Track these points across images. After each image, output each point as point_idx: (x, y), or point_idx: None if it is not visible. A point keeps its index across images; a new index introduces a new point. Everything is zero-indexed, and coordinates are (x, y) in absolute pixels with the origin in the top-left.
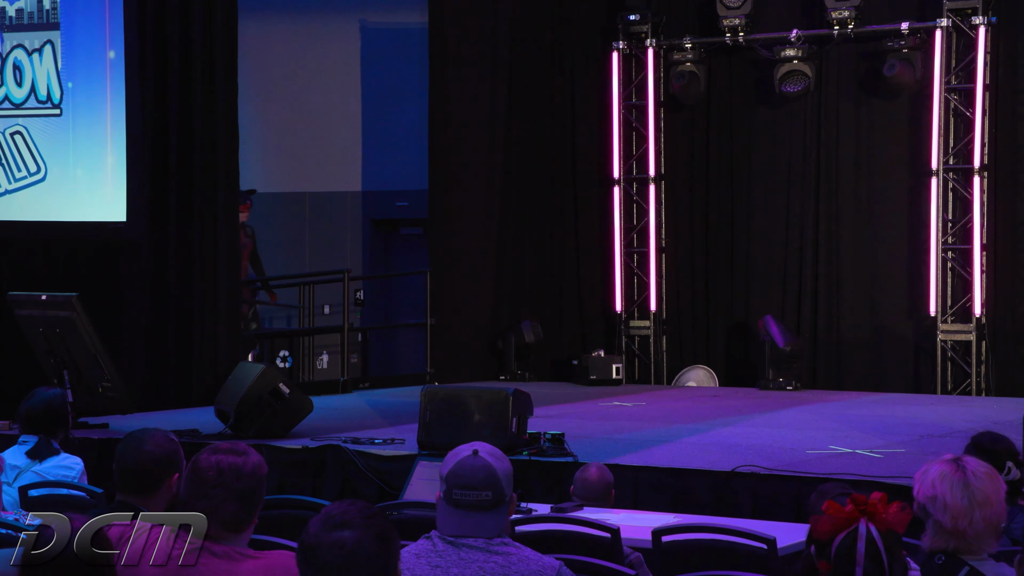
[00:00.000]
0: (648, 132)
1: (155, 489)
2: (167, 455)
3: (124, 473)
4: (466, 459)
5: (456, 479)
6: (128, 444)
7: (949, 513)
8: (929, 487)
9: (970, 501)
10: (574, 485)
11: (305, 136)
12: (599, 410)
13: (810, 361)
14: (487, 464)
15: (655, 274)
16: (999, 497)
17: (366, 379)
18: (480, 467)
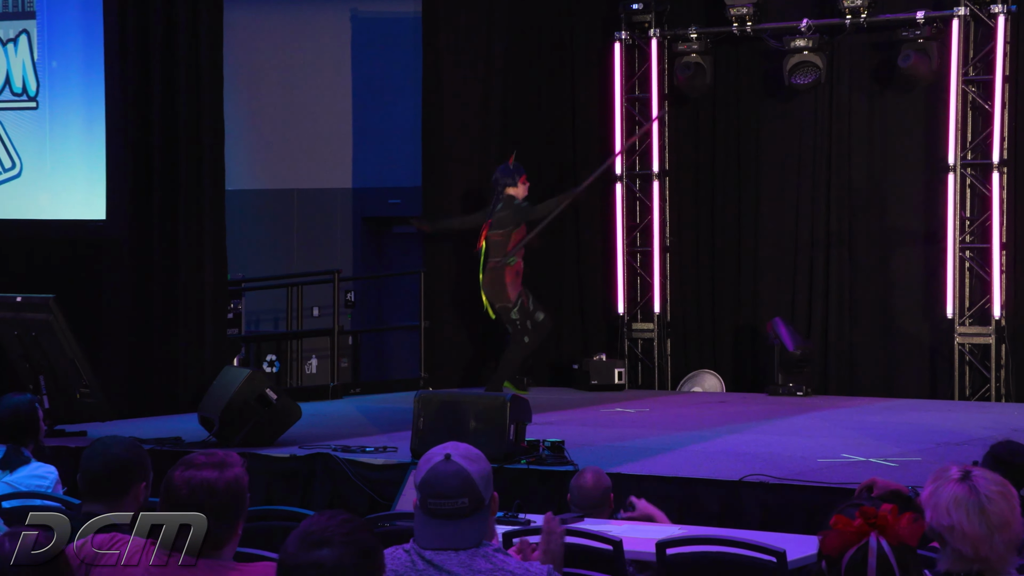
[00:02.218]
0: (651, 128)
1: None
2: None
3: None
4: (438, 465)
5: (430, 488)
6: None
7: (969, 541)
8: (944, 515)
9: (988, 527)
10: (570, 494)
11: (293, 130)
12: (601, 416)
13: (821, 365)
14: (461, 469)
15: (659, 274)
16: (1016, 515)
17: (357, 384)
18: (454, 473)
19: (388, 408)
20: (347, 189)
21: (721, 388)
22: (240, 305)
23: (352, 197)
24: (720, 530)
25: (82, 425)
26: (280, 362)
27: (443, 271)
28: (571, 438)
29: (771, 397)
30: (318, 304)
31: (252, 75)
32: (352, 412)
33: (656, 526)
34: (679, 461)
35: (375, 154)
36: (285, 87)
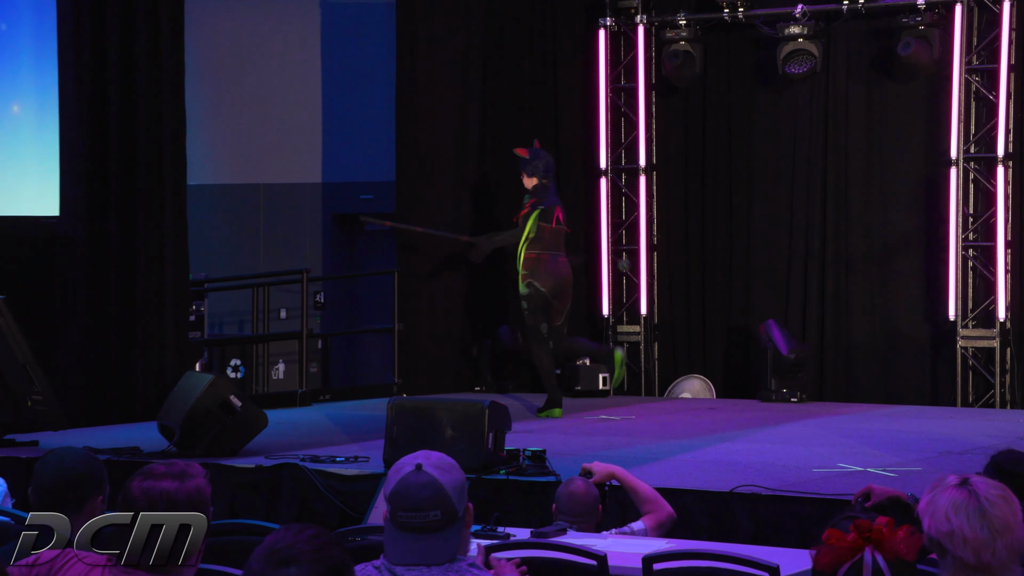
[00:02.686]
0: (638, 118)
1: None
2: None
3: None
4: (409, 476)
5: (399, 500)
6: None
7: (970, 548)
8: (943, 521)
9: (990, 531)
10: (557, 502)
11: (259, 122)
12: (585, 424)
13: (816, 370)
14: (432, 480)
15: (646, 274)
16: (1017, 520)
17: (327, 391)
18: (424, 484)
19: (360, 416)
20: (316, 184)
21: (711, 394)
22: (203, 307)
23: (321, 192)
24: (710, 544)
25: (34, 434)
26: (245, 367)
27: (418, 271)
28: (553, 447)
29: (764, 403)
30: (286, 306)
31: (216, 64)
32: (321, 420)
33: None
34: (667, 471)
35: (346, 147)
36: (251, 76)
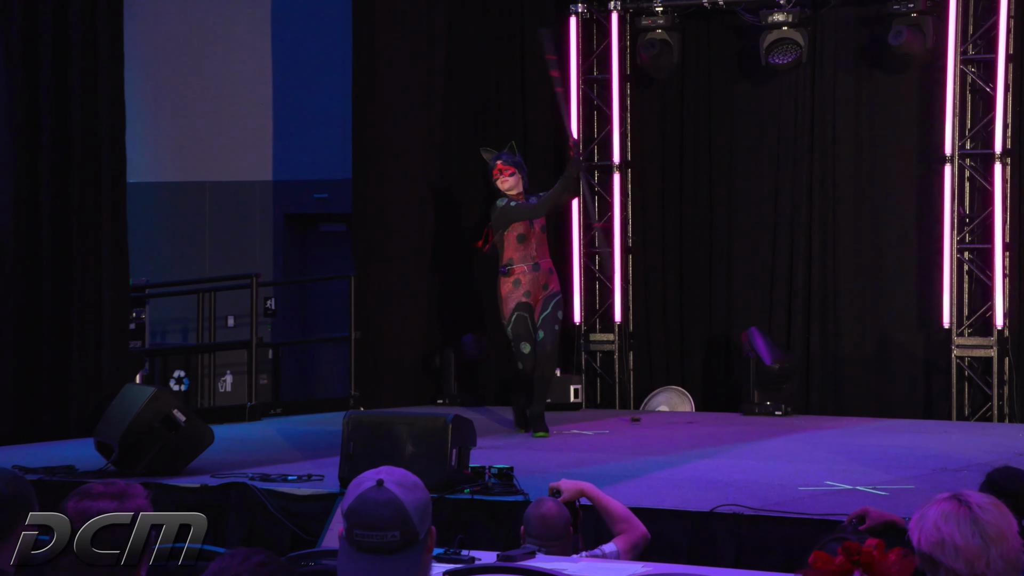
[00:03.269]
0: (612, 111)
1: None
2: (16, 495)
3: None
4: (369, 492)
5: (357, 517)
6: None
7: (962, 557)
8: (932, 531)
9: (983, 538)
10: (527, 524)
11: (205, 115)
12: (555, 440)
13: (802, 381)
14: (393, 497)
15: (620, 279)
16: (1013, 530)
17: (278, 404)
18: (385, 501)
19: (313, 431)
20: (267, 182)
21: (690, 407)
22: (143, 314)
23: (272, 191)
24: (689, 568)
25: None
26: (190, 379)
27: (377, 275)
28: (521, 464)
29: (746, 417)
30: (233, 313)
31: (157, 52)
32: (272, 435)
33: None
34: (642, 489)
35: (299, 142)
36: (195, 66)
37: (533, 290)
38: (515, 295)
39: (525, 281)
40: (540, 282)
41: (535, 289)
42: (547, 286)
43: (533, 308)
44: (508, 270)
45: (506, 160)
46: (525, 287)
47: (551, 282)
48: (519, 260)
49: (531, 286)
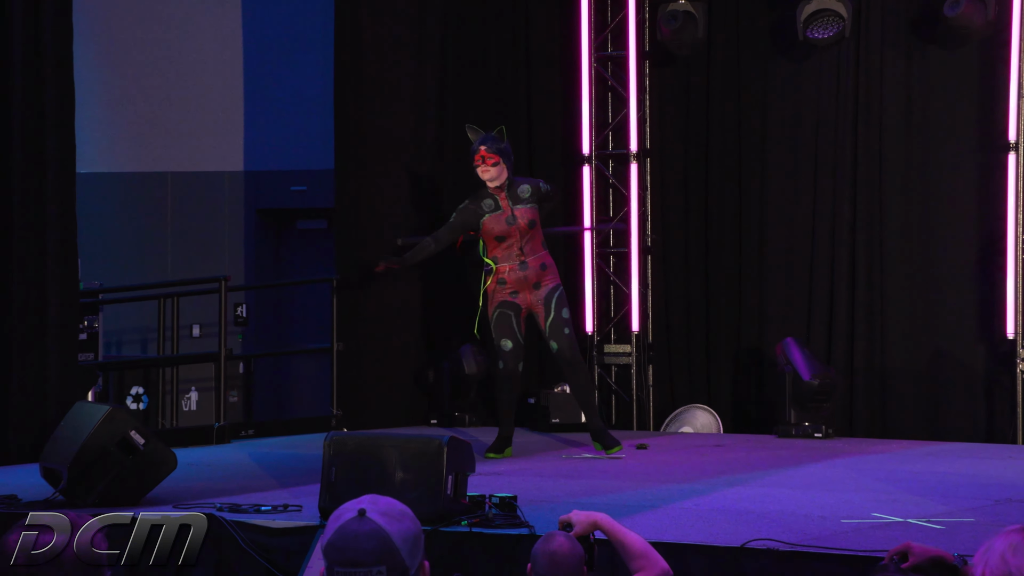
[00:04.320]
0: (628, 93)
1: None
2: None
3: None
4: (350, 524)
5: (338, 552)
6: None
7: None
8: (999, 564)
9: None
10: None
11: (166, 97)
12: (564, 465)
13: (845, 400)
14: (377, 528)
15: (638, 283)
16: None
17: (249, 425)
18: (368, 533)
19: (290, 455)
20: (237, 172)
21: (718, 428)
22: (96, 322)
23: (243, 183)
24: None
25: None
26: (149, 396)
27: (362, 279)
28: (526, 492)
29: (781, 440)
30: (199, 321)
31: (113, 27)
32: (244, 460)
33: None
34: (664, 522)
35: (274, 129)
36: (157, 44)
37: (522, 290)
38: (500, 293)
39: (511, 280)
40: (530, 281)
41: (524, 289)
42: (539, 284)
43: (521, 308)
44: (491, 269)
45: (490, 146)
46: (511, 286)
47: (544, 279)
48: (503, 259)
49: (519, 285)
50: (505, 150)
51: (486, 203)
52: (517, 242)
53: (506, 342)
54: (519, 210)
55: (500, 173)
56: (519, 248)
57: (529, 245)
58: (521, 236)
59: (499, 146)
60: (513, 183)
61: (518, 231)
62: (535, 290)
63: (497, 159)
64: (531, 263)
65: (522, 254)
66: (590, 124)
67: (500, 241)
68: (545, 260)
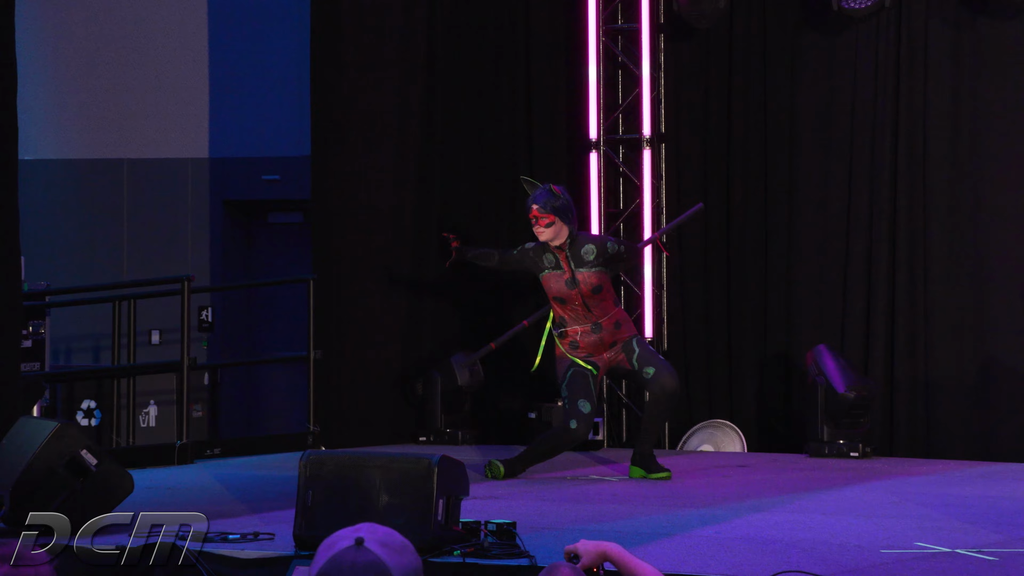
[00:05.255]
0: (641, 71)
1: None
2: None
3: None
4: (345, 553)
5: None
6: None
7: None
8: None
9: None
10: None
11: (123, 76)
12: (569, 487)
13: (885, 414)
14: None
15: (651, 283)
16: None
17: (216, 443)
18: (365, 565)
19: (262, 476)
20: (201, 160)
21: (741, 446)
22: (43, 328)
23: (209, 171)
24: None
25: None
26: (103, 411)
27: (343, 278)
28: (526, 518)
29: (813, 459)
30: (159, 326)
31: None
32: (209, 482)
33: None
34: (681, 551)
35: (242, 111)
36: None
37: (596, 352)
38: (572, 355)
39: (585, 344)
40: (606, 342)
41: (599, 351)
42: (615, 343)
43: (599, 368)
44: (562, 332)
45: (543, 206)
46: (585, 349)
47: (619, 336)
48: (572, 321)
49: (592, 348)
50: (562, 207)
51: (547, 258)
52: (581, 307)
53: (584, 404)
54: (582, 274)
55: (557, 233)
56: (585, 311)
57: (598, 308)
58: (585, 301)
59: (554, 204)
60: (576, 241)
61: (580, 296)
62: (610, 350)
63: (552, 219)
64: (605, 324)
65: (591, 315)
66: (598, 106)
67: (560, 303)
68: (619, 318)
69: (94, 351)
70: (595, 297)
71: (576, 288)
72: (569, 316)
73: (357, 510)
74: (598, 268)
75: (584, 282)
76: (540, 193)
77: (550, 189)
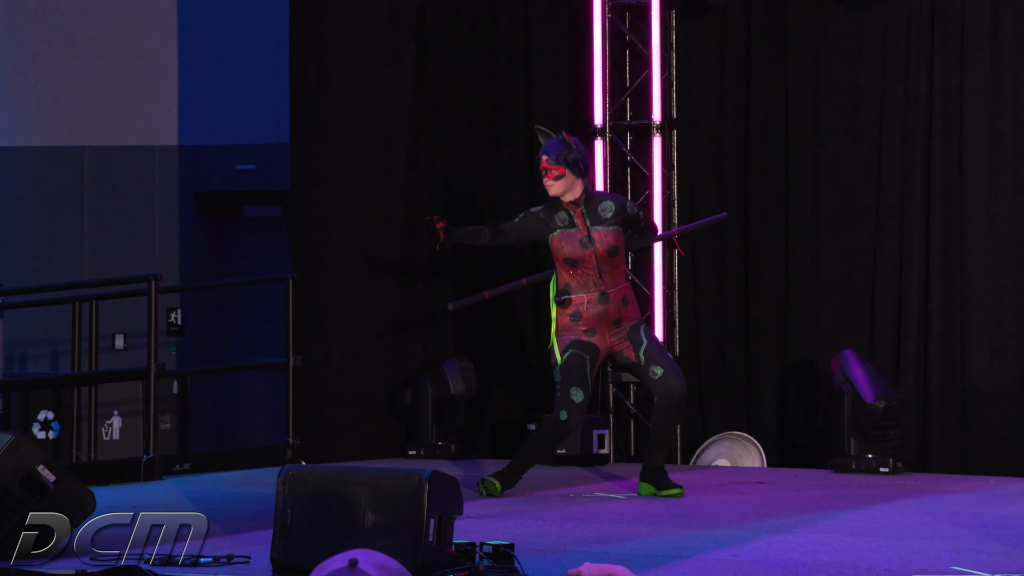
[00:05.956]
0: (650, 51)
1: None
2: None
3: None
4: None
5: None
6: None
7: None
8: None
9: None
10: None
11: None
12: (572, 506)
13: (917, 426)
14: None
15: (661, 283)
16: None
17: (186, 457)
18: None
19: (236, 494)
20: (170, 147)
21: (759, 461)
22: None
23: (178, 160)
24: None
25: None
26: (61, 423)
27: (324, 277)
28: (526, 539)
29: (838, 475)
30: (124, 330)
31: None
32: (179, 500)
33: None
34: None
35: (215, 94)
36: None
37: (600, 328)
38: (573, 331)
39: (589, 315)
40: (610, 317)
41: (602, 327)
42: (620, 321)
43: (598, 351)
44: (564, 300)
45: (553, 156)
46: (588, 322)
47: (626, 315)
48: (578, 288)
49: (597, 322)
50: (575, 160)
51: (560, 217)
52: (593, 270)
53: (577, 392)
54: (598, 232)
55: (568, 187)
56: (597, 276)
57: (610, 275)
58: (599, 264)
59: (567, 155)
60: (591, 198)
61: (595, 257)
62: (615, 328)
63: (562, 171)
64: (613, 296)
65: (602, 282)
66: (603, 89)
67: (571, 266)
68: (627, 294)
69: (52, 357)
70: (610, 260)
71: (591, 247)
72: (577, 282)
73: (341, 530)
74: (615, 227)
75: (600, 241)
76: (552, 143)
77: (563, 139)
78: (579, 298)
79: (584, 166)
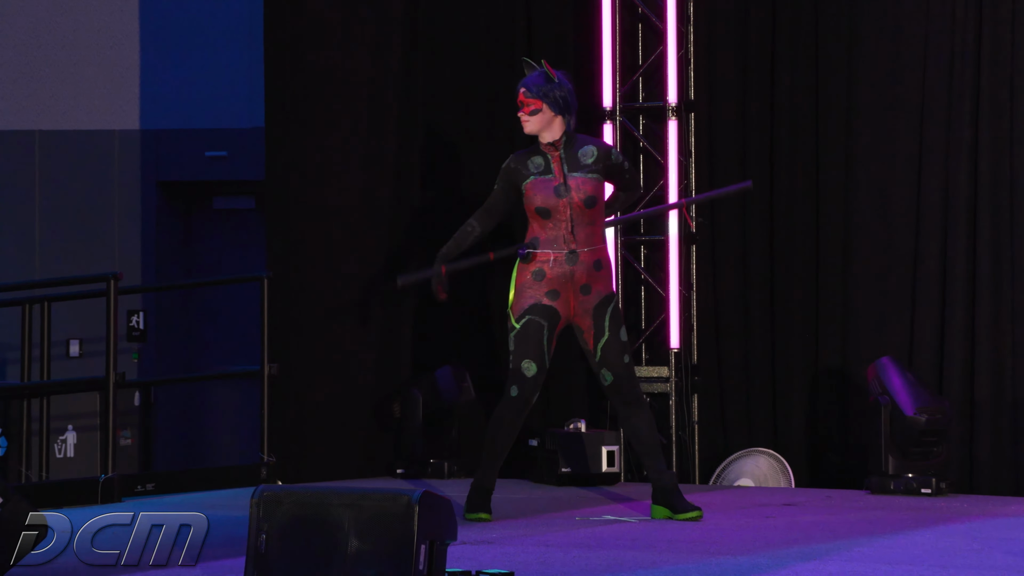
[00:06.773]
0: (665, 26)
1: None
2: None
3: None
4: None
5: None
6: None
7: None
8: None
9: None
10: None
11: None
12: (579, 530)
13: (963, 443)
14: None
15: (678, 282)
16: None
17: (149, 477)
18: None
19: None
20: (132, 131)
21: (787, 480)
22: None
23: (140, 146)
24: None
25: None
26: (9, 438)
27: (303, 276)
28: (526, 567)
29: (875, 496)
30: (79, 335)
31: None
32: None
33: None
34: None
35: (181, 74)
36: None
37: (564, 291)
38: (533, 291)
39: (552, 275)
40: (577, 281)
41: (567, 290)
42: (589, 288)
43: (559, 317)
44: (528, 255)
45: (532, 89)
46: (551, 283)
47: (596, 282)
48: (546, 243)
49: (561, 284)
50: (556, 97)
51: (534, 162)
52: (566, 223)
53: (529, 365)
54: (575, 179)
55: (546, 125)
56: (568, 231)
57: (584, 231)
58: (573, 216)
59: (546, 89)
60: (572, 140)
61: (569, 207)
62: (582, 295)
63: (539, 105)
64: (584, 256)
65: (573, 240)
66: (613, 67)
67: (543, 217)
68: (602, 257)
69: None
70: (587, 213)
71: (567, 196)
72: (546, 236)
73: (321, 558)
74: (596, 175)
75: (577, 189)
76: (533, 76)
77: (545, 72)
78: (544, 254)
79: (565, 103)
